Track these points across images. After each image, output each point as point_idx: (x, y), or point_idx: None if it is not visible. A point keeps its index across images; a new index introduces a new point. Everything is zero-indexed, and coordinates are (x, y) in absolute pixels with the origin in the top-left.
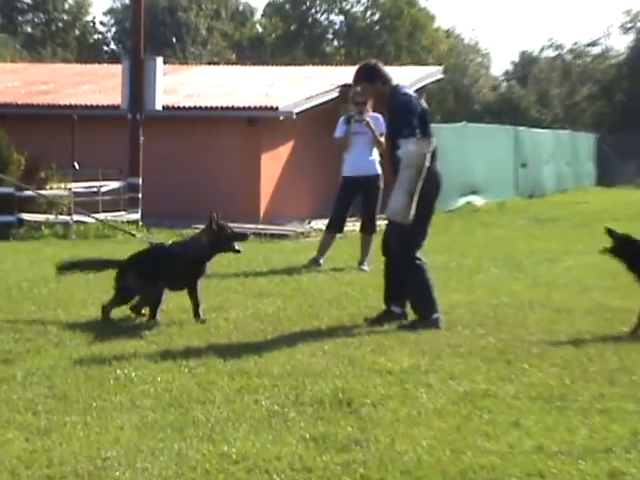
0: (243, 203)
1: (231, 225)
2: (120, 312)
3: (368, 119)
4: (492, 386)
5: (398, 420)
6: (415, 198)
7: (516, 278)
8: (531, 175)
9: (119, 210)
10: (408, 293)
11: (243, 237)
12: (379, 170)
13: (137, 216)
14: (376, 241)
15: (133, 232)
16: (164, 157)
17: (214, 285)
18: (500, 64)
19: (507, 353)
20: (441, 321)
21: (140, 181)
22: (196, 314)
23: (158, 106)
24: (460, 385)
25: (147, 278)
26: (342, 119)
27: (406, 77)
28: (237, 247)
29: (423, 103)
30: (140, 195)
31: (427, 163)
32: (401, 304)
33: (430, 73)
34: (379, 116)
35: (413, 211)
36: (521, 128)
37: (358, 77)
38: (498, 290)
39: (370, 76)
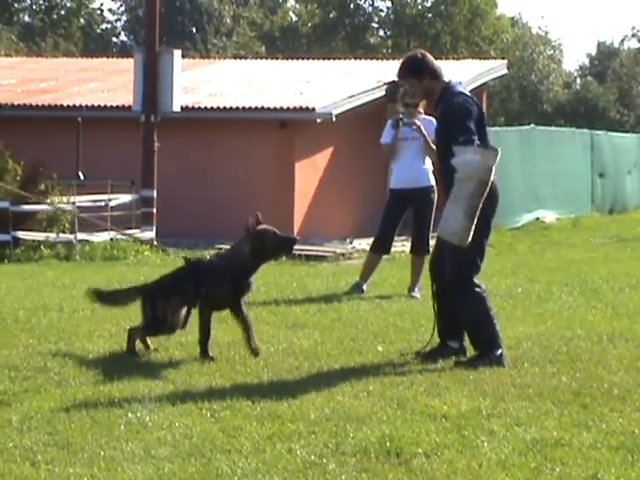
0: (274, 219)
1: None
2: (124, 344)
3: (419, 122)
4: (566, 434)
5: (455, 473)
6: (475, 217)
7: (593, 307)
8: (610, 187)
9: (130, 227)
10: (465, 325)
11: (289, 242)
12: (432, 181)
13: (151, 234)
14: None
15: (165, 248)
16: (182, 166)
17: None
18: (574, 57)
19: (583, 395)
20: (505, 358)
21: (155, 194)
22: (249, 340)
23: (176, 107)
24: (528, 432)
25: (186, 302)
26: (389, 122)
27: (464, 72)
28: (285, 249)
29: (480, 106)
30: (155, 210)
31: (492, 177)
32: (459, 338)
33: (492, 68)
34: (433, 120)
35: (472, 232)
36: (599, 132)
37: (403, 71)
38: (572, 321)
39: (417, 70)
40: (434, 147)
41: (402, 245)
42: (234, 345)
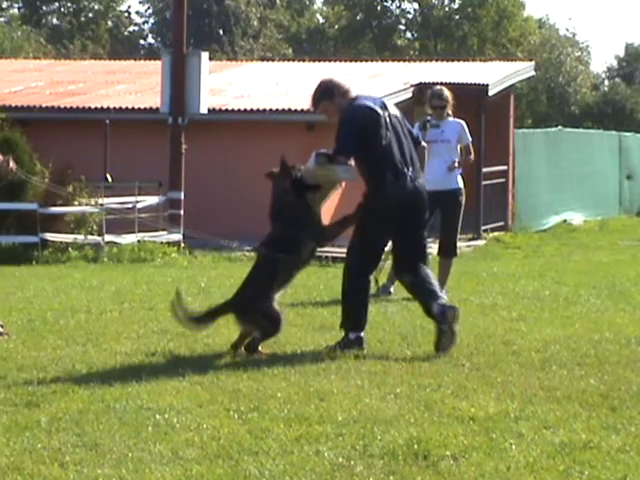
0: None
1: None
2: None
3: (444, 126)
4: (594, 437)
5: (483, 476)
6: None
7: (621, 309)
8: (638, 189)
9: (157, 230)
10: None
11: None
12: (460, 183)
13: (178, 236)
14: (457, 266)
15: (229, 242)
16: (210, 168)
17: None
18: (602, 59)
19: (611, 398)
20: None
21: (182, 196)
22: None
23: (203, 109)
24: (556, 435)
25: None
26: (417, 125)
27: (491, 74)
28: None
29: (389, 112)
30: (182, 212)
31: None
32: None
33: (519, 69)
34: (462, 122)
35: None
36: (627, 134)
37: (313, 101)
38: (600, 324)
39: (325, 94)
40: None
41: (429, 247)
42: (294, 362)
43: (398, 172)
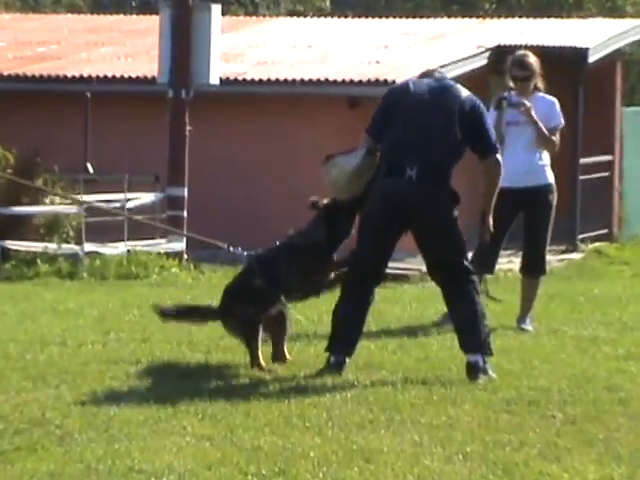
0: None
1: None
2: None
3: (529, 104)
4: None
5: None
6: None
7: None
8: None
9: (153, 237)
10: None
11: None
12: (550, 178)
13: (181, 245)
14: (546, 286)
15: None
16: (222, 157)
17: (298, 350)
18: None
19: None
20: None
21: (185, 192)
22: None
23: (214, 79)
24: None
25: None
26: (493, 102)
27: (591, 35)
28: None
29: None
30: (185, 214)
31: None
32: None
33: (629, 29)
34: (553, 100)
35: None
36: None
37: None
38: None
39: None
40: (551, 137)
41: (509, 261)
42: (288, 389)
43: (394, 167)
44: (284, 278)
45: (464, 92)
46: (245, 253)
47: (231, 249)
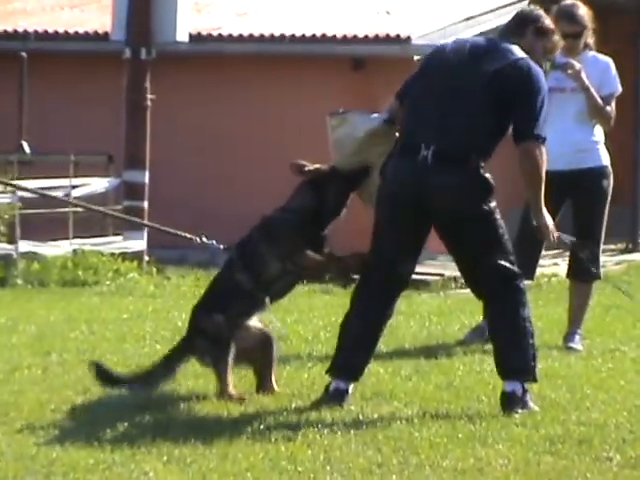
0: (346, 214)
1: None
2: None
3: (578, 65)
4: None
5: None
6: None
7: None
8: None
9: (106, 234)
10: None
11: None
12: (605, 159)
13: (141, 243)
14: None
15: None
16: (192, 133)
17: (288, 375)
18: None
19: None
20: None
21: (147, 178)
22: None
23: (181, 35)
24: None
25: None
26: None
27: None
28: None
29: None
30: (146, 204)
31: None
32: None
33: None
34: (607, 60)
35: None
36: None
37: None
38: None
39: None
40: (605, 107)
41: (553, 264)
42: (276, 425)
43: (407, 145)
44: (267, 270)
45: (512, 55)
46: (222, 247)
47: (204, 240)
